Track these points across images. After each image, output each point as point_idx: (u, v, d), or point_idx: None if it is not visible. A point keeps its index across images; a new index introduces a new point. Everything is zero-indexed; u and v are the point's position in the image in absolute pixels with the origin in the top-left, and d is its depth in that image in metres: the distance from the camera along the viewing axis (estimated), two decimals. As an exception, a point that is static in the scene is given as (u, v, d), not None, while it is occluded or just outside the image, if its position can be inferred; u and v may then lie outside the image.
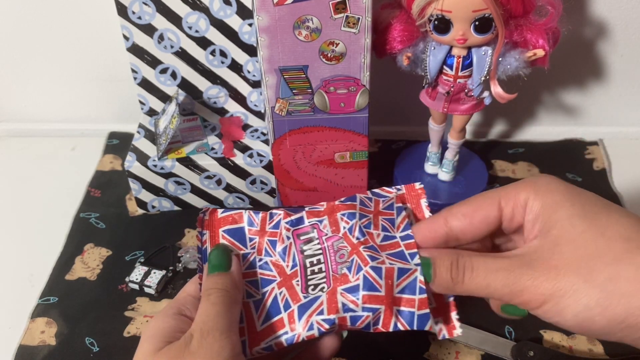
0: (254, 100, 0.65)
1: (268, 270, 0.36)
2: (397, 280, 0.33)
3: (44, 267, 0.58)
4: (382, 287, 0.32)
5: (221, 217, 0.38)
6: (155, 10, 0.58)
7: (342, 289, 0.33)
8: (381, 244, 0.35)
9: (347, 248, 0.35)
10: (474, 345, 0.50)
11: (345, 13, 0.48)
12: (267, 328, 0.34)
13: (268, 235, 0.37)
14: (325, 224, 0.37)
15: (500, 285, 0.30)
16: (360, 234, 0.35)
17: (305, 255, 0.36)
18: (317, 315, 0.33)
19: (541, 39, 0.50)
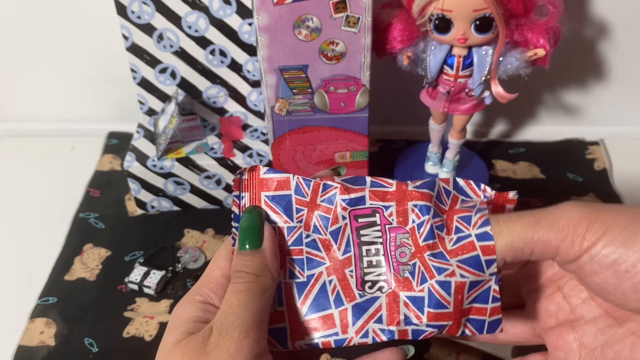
0: (254, 100, 0.65)
1: (316, 249, 0.31)
2: (468, 293, 0.29)
3: (43, 268, 0.58)
4: (451, 304, 0.29)
5: (264, 177, 0.32)
6: (155, 10, 0.58)
7: (406, 296, 0.30)
8: (452, 249, 0.30)
9: (411, 247, 0.30)
10: (474, 345, 0.49)
11: (345, 12, 0.48)
12: (313, 321, 0.31)
13: (319, 210, 0.31)
14: (391, 211, 0.31)
15: (552, 219, 0.28)
16: (430, 236, 0.30)
17: (362, 241, 0.31)
18: (374, 323, 0.30)
19: (542, 38, 0.50)
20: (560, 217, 0.27)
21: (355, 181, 0.32)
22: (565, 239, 0.27)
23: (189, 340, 0.28)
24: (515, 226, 0.28)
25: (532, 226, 0.28)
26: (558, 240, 0.27)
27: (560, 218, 0.27)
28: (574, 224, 0.27)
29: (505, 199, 0.33)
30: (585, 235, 0.26)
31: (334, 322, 0.30)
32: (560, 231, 0.27)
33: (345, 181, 0.32)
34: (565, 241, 0.27)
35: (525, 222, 0.28)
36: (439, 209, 0.31)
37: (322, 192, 0.31)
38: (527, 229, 0.28)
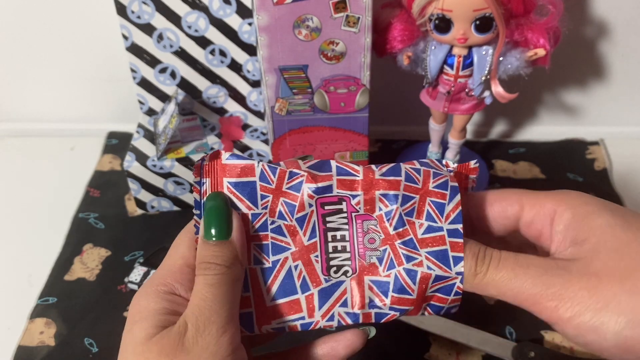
0: (254, 100, 0.65)
1: (281, 235, 0.31)
2: (432, 284, 0.30)
3: (42, 268, 0.58)
4: (415, 292, 0.30)
5: (227, 163, 0.31)
6: (155, 10, 0.58)
7: (370, 280, 0.30)
8: (422, 237, 0.30)
9: (380, 234, 0.31)
10: (475, 345, 0.49)
11: (345, 12, 0.48)
12: (279, 306, 0.31)
13: (285, 197, 0.31)
14: (359, 200, 0.31)
15: (528, 285, 0.27)
16: (400, 224, 0.30)
17: (327, 227, 0.31)
18: (339, 307, 0.31)
19: (542, 38, 0.50)
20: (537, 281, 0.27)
21: (321, 167, 0.32)
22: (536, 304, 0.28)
23: (163, 336, 0.27)
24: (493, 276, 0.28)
25: (506, 284, 0.28)
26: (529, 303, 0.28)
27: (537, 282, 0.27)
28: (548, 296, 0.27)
29: (468, 168, 0.34)
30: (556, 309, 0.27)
31: (300, 307, 0.31)
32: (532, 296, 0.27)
33: (311, 168, 0.32)
34: (535, 307, 0.28)
35: (502, 277, 0.28)
36: (412, 190, 0.31)
37: (288, 180, 0.31)
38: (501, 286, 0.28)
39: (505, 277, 0.27)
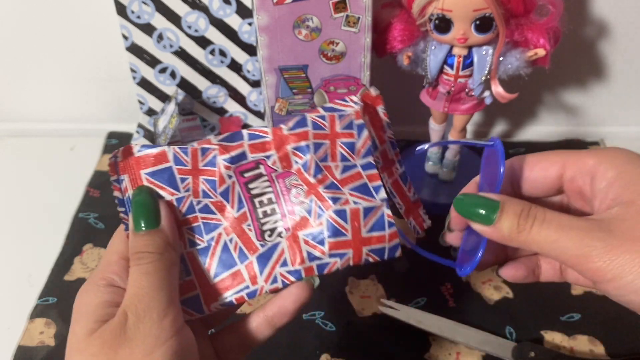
0: (254, 100, 0.65)
1: (210, 213, 0.32)
2: (364, 219, 0.31)
3: (42, 268, 0.58)
4: (349, 231, 0.31)
5: (139, 155, 0.32)
6: (155, 10, 0.58)
7: (304, 234, 0.31)
8: (342, 178, 0.32)
9: (303, 187, 0.32)
10: (475, 346, 0.49)
11: (345, 12, 0.48)
12: (222, 281, 0.31)
13: (203, 174, 0.32)
14: (274, 159, 0.32)
15: (570, 245, 0.27)
16: (317, 171, 0.32)
17: (252, 194, 0.32)
18: (280, 267, 0.31)
19: (542, 38, 0.50)
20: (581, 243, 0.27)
21: (233, 138, 0.32)
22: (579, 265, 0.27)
23: (104, 329, 0.28)
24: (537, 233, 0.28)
25: (552, 242, 0.27)
26: (570, 266, 0.27)
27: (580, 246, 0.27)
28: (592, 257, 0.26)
29: (371, 98, 0.34)
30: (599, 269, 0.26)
31: (242, 277, 0.31)
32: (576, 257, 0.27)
33: (223, 140, 0.32)
34: (578, 267, 0.27)
35: (549, 234, 0.28)
36: (321, 137, 0.32)
37: (201, 157, 0.32)
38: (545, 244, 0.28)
39: (548, 238, 0.27)
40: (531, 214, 0.28)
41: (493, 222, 0.29)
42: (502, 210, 0.29)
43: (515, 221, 0.28)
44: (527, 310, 0.53)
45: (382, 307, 0.53)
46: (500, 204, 0.29)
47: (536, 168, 0.32)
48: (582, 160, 0.30)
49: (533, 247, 0.28)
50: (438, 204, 0.61)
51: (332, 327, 0.52)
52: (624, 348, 0.49)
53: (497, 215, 0.29)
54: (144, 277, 0.29)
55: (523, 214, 0.28)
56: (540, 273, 0.35)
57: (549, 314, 0.53)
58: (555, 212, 0.28)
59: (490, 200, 0.29)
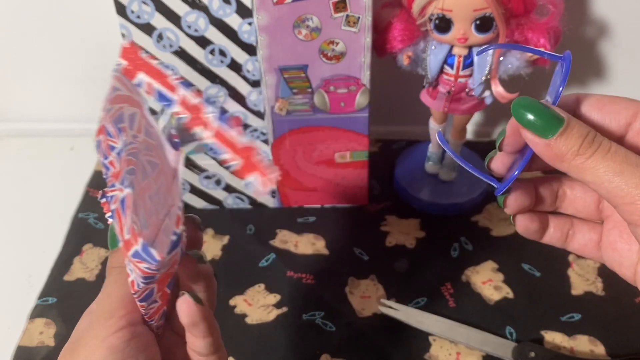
0: (254, 100, 0.65)
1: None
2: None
3: (42, 268, 0.58)
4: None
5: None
6: (154, 9, 0.58)
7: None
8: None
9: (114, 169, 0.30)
10: (475, 346, 0.49)
11: (345, 12, 0.48)
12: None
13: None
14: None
15: (632, 182, 0.25)
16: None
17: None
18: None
19: (542, 38, 0.50)
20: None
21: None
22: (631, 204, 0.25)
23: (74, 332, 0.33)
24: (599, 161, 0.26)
25: (612, 173, 0.25)
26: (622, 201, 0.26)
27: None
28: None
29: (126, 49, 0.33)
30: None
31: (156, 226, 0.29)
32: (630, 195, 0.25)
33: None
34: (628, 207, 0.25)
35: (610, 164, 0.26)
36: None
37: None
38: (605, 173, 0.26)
39: (610, 169, 0.25)
40: (597, 140, 0.26)
41: (553, 135, 0.26)
42: (567, 127, 0.26)
43: (578, 142, 0.26)
44: (527, 310, 0.53)
45: (382, 307, 0.53)
46: (565, 120, 0.26)
47: (605, 109, 0.29)
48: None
49: (587, 174, 0.26)
50: (438, 204, 0.61)
51: (332, 327, 0.52)
52: (624, 348, 0.49)
53: (559, 130, 0.26)
54: (110, 285, 0.32)
55: (589, 138, 0.26)
56: (546, 232, 0.33)
57: (549, 314, 0.53)
58: (622, 147, 0.26)
59: (556, 113, 0.27)
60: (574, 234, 0.33)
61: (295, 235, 0.61)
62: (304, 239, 0.60)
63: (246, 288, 0.56)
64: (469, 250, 0.58)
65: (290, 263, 0.58)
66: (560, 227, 0.33)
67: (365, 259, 0.58)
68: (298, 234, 0.61)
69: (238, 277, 0.57)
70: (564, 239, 0.33)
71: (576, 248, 0.33)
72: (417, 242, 0.59)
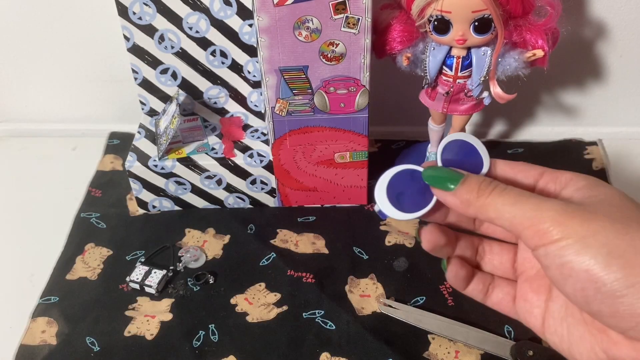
0: (254, 101, 0.65)
1: None
2: None
3: (44, 267, 0.58)
4: None
5: None
6: (156, 11, 0.59)
7: None
8: None
9: None
10: (474, 344, 0.50)
11: (345, 13, 0.48)
12: None
13: None
14: None
15: (526, 209, 0.29)
16: None
17: None
18: None
19: (540, 39, 0.50)
20: (534, 208, 0.29)
21: None
22: (529, 228, 0.28)
23: None
24: (497, 196, 0.30)
25: (509, 204, 0.29)
26: (522, 227, 0.29)
27: (533, 209, 0.29)
28: (542, 218, 0.28)
29: None
30: (545, 232, 0.28)
31: None
32: (527, 219, 0.28)
33: None
34: (527, 230, 0.28)
35: (506, 198, 0.30)
36: None
37: None
38: (504, 205, 0.30)
39: (507, 202, 0.29)
40: (493, 183, 0.31)
41: (455, 186, 0.31)
42: (465, 180, 0.31)
43: (475, 187, 0.31)
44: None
45: (382, 306, 0.53)
46: (464, 176, 0.31)
47: (516, 169, 0.34)
48: (559, 172, 0.33)
49: (490, 211, 0.30)
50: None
51: (331, 326, 0.52)
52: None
53: (460, 181, 0.31)
54: None
55: (485, 182, 0.31)
56: (470, 283, 0.36)
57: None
58: (516, 187, 0.31)
59: (456, 172, 0.32)
60: (494, 289, 0.36)
61: (296, 235, 0.61)
62: (304, 238, 0.61)
63: (247, 287, 0.56)
64: (467, 250, 0.59)
65: (290, 262, 0.58)
66: (482, 279, 0.36)
67: (365, 258, 0.58)
68: (298, 233, 0.61)
69: (239, 276, 0.57)
70: (484, 293, 0.36)
71: (494, 302, 0.36)
72: (416, 242, 0.60)
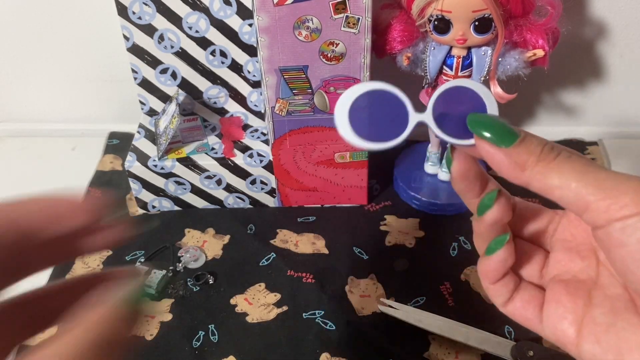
0: (254, 101, 0.65)
1: None
2: None
3: (44, 267, 0.58)
4: None
5: None
6: (156, 11, 0.58)
7: None
8: None
9: None
10: (474, 345, 0.50)
11: (345, 13, 0.48)
12: None
13: None
14: None
15: (602, 178, 0.24)
16: None
17: None
18: None
19: (541, 39, 0.50)
20: (609, 179, 0.24)
21: None
22: (604, 200, 0.24)
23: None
24: (564, 162, 0.25)
25: (578, 172, 0.25)
26: (594, 198, 0.24)
27: (609, 179, 0.24)
28: (621, 190, 0.24)
29: None
30: (626, 204, 0.23)
31: None
32: (601, 190, 0.24)
33: None
34: (601, 202, 0.24)
35: (575, 165, 0.25)
36: None
37: None
38: (571, 173, 0.25)
39: (575, 169, 0.25)
40: (556, 147, 0.25)
41: (512, 143, 0.25)
42: (525, 137, 0.26)
43: (538, 148, 0.25)
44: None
45: (382, 306, 0.53)
46: (522, 133, 0.26)
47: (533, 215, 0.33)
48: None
49: (554, 177, 0.25)
50: (437, 204, 0.62)
51: (331, 326, 0.52)
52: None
53: (517, 140, 0.25)
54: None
55: (549, 145, 0.25)
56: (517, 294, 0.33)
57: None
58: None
59: (512, 127, 0.26)
60: (518, 292, 0.33)
61: (296, 235, 0.61)
62: (304, 238, 0.61)
63: (247, 287, 0.56)
64: (468, 250, 0.59)
65: (290, 262, 0.58)
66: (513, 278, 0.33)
67: (365, 259, 0.58)
68: (298, 233, 0.61)
69: (239, 276, 0.57)
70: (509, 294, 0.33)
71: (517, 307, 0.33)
72: (417, 242, 0.60)
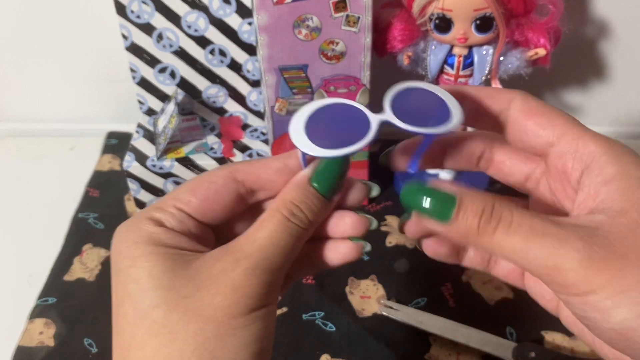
0: (254, 100, 0.65)
1: None
2: None
3: (42, 268, 0.58)
4: None
5: None
6: (154, 9, 0.58)
7: None
8: None
9: None
10: (475, 346, 0.49)
11: (345, 12, 0.48)
12: None
13: None
14: None
15: (543, 256, 0.22)
16: None
17: None
18: None
19: (542, 38, 0.50)
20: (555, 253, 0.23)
21: None
22: (549, 275, 0.23)
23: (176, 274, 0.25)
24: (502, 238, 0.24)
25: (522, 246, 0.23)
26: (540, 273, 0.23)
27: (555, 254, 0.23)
28: (565, 269, 0.22)
29: None
30: (571, 284, 0.22)
31: None
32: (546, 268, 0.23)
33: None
34: (547, 277, 0.23)
35: (514, 240, 0.23)
36: None
37: None
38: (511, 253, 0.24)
39: (516, 246, 0.23)
40: (495, 215, 0.24)
41: (449, 219, 0.24)
42: (460, 206, 0.24)
43: (475, 220, 0.24)
44: (527, 310, 0.53)
45: (382, 307, 0.53)
46: (457, 198, 0.24)
47: (532, 121, 0.27)
48: (583, 140, 0.25)
49: (496, 252, 0.24)
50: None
51: (332, 328, 0.52)
52: (625, 348, 0.49)
53: (453, 211, 0.24)
54: (287, 237, 0.26)
55: (485, 214, 0.24)
56: (464, 256, 0.31)
57: (549, 314, 0.52)
58: (524, 211, 0.24)
59: (446, 193, 0.24)
60: (497, 260, 0.31)
61: (295, 235, 0.61)
62: (304, 239, 0.60)
63: (246, 288, 0.56)
64: (469, 250, 0.58)
65: (290, 263, 0.58)
66: (481, 253, 0.30)
67: (365, 259, 0.58)
68: (298, 234, 0.61)
69: (238, 277, 0.57)
70: (485, 264, 0.31)
71: (500, 274, 0.31)
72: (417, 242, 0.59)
